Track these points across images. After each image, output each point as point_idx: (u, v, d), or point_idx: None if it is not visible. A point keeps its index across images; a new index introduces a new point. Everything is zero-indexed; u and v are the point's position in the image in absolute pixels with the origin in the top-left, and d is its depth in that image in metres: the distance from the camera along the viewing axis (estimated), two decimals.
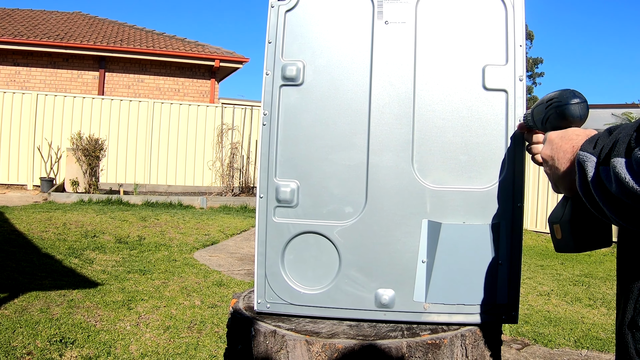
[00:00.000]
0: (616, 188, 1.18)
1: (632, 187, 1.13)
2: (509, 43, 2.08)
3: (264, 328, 1.97)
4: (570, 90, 1.69)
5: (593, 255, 12.48)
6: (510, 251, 2.05)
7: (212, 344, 5.66)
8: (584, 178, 1.31)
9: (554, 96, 1.72)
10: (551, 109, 1.71)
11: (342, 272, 2.10)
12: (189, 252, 10.42)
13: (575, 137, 1.54)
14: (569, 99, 1.66)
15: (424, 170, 2.08)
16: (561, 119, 1.67)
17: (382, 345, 1.86)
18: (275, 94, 2.15)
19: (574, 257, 12.26)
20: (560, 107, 1.67)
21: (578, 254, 12.52)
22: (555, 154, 1.58)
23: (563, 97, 1.68)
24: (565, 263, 11.52)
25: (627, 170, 1.15)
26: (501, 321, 2.08)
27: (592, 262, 11.80)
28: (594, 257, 12.33)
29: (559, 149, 1.56)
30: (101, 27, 25.73)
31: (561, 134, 1.60)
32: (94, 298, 6.91)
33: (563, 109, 1.66)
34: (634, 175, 1.13)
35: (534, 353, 5.91)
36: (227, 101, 24.94)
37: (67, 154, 17.44)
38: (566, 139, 1.56)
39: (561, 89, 1.72)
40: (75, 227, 11.43)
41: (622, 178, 1.15)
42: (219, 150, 19.88)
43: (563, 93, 1.69)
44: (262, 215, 2.15)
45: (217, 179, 19.92)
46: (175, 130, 20.61)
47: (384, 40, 2.12)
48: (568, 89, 1.70)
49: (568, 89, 1.70)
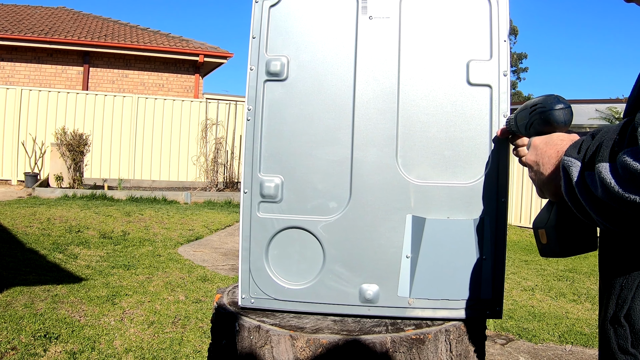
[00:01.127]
0: (602, 192, 1.18)
1: (617, 191, 1.13)
2: (493, 38, 2.09)
3: (248, 323, 1.97)
4: (554, 96, 1.69)
5: None
6: (494, 246, 2.06)
7: (196, 339, 5.64)
8: (569, 183, 1.31)
9: (538, 101, 1.72)
10: (535, 114, 1.71)
11: (326, 267, 2.10)
12: (173, 247, 10.39)
13: (560, 143, 1.54)
14: (554, 104, 1.66)
15: (408, 166, 2.08)
16: (545, 124, 1.67)
17: (366, 340, 1.86)
18: (259, 89, 2.15)
19: None
20: (545, 112, 1.67)
21: None
22: (540, 159, 1.58)
23: (547, 103, 1.68)
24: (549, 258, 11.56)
25: (611, 175, 1.15)
26: (485, 316, 2.08)
27: (576, 258, 11.84)
28: None
29: (544, 154, 1.57)
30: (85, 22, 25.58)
31: (545, 140, 1.61)
32: (78, 293, 6.88)
33: (547, 115, 1.66)
34: (618, 180, 1.14)
35: (518, 348, 5.93)
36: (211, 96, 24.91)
37: (51, 149, 17.34)
38: (551, 145, 1.57)
39: (545, 95, 1.72)
40: (59, 222, 11.37)
41: (608, 183, 1.15)
42: (203, 145, 19.85)
43: (547, 98, 1.69)
44: (246, 210, 2.14)
45: (202, 174, 19.89)
46: (160, 125, 20.54)
47: (368, 35, 2.12)
48: (552, 95, 1.70)
49: (552, 95, 1.70)
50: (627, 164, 1.11)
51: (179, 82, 24.70)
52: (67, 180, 17.07)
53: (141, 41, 23.73)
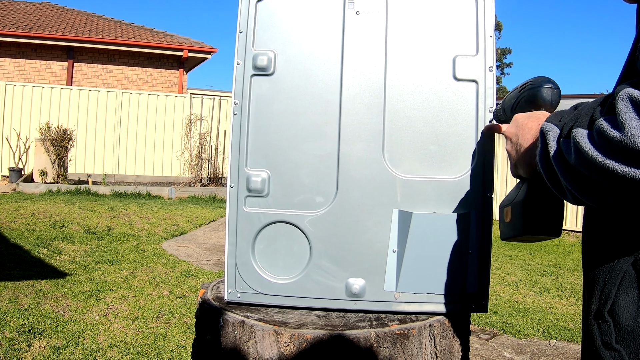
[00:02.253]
0: (575, 159, 1.19)
1: (591, 156, 1.14)
2: (479, 34, 2.09)
3: (232, 318, 1.97)
4: (545, 77, 1.70)
5: (561, 246, 12.61)
6: (480, 241, 2.07)
7: (180, 334, 5.64)
8: (544, 147, 1.32)
9: (528, 80, 1.74)
10: (524, 91, 1.72)
11: (312, 262, 2.10)
12: (157, 243, 10.38)
13: (542, 117, 1.54)
14: (543, 82, 1.68)
15: (395, 160, 2.08)
16: (532, 101, 1.68)
17: (350, 335, 1.86)
18: (246, 83, 2.14)
19: (542, 247, 12.36)
20: (534, 89, 1.69)
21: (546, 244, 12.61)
22: (519, 131, 1.58)
23: (537, 81, 1.70)
24: (533, 253, 11.63)
25: (587, 140, 1.16)
26: (471, 310, 2.09)
27: (560, 253, 11.91)
28: (563, 248, 12.46)
29: (524, 126, 1.57)
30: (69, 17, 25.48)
31: (528, 114, 1.61)
32: (62, 288, 6.86)
33: (535, 91, 1.68)
34: (594, 145, 1.14)
35: (503, 343, 5.96)
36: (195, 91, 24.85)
37: (35, 145, 17.28)
38: (532, 118, 1.57)
39: (536, 76, 1.74)
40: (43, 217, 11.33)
41: (582, 147, 1.16)
42: (187, 140, 19.81)
43: (538, 78, 1.71)
44: (232, 204, 2.14)
45: (186, 169, 19.86)
46: (144, 120, 20.49)
47: (355, 30, 2.12)
48: (543, 76, 1.71)
49: (543, 76, 1.71)
50: (603, 130, 1.13)
51: (163, 77, 24.67)
52: (52, 176, 17.01)
53: (125, 36, 23.67)
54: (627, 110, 1.10)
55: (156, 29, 25.89)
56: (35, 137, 17.57)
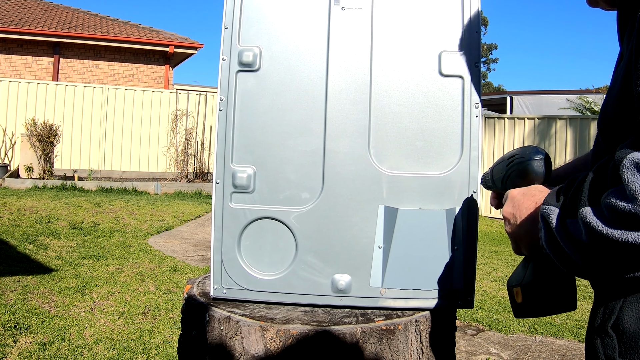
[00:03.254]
0: (588, 237, 1.13)
1: (606, 234, 1.09)
2: (465, 29, 2.09)
3: (218, 314, 1.97)
4: (532, 147, 1.64)
5: None
6: (465, 237, 2.07)
7: (166, 330, 5.64)
8: (549, 231, 1.26)
9: (515, 153, 1.68)
10: (513, 165, 1.65)
11: (298, 258, 2.10)
12: (143, 238, 10.35)
13: (538, 194, 1.48)
14: (532, 155, 1.61)
15: (381, 156, 2.08)
16: (523, 175, 1.62)
17: (336, 331, 1.87)
18: (231, 79, 2.14)
19: None
20: (523, 163, 1.62)
21: None
22: (517, 211, 1.51)
23: (525, 154, 1.63)
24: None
25: (597, 219, 1.11)
26: (457, 306, 2.09)
27: None
28: None
29: (521, 206, 1.50)
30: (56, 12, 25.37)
31: (523, 191, 1.54)
32: (48, 284, 6.83)
33: (525, 165, 1.61)
34: (605, 221, 1.10)
35: (489, 339, 5.98)
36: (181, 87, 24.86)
37: (21, 140, 17.19)
38: (528, 196, 1.51)
39: (523, 146, 1.68)
40: (29, 212, 11.27)
41: (594, 227, 1.11)
42: (173, 136, 19.77)
43: (525, 149, 1.65)
44: (218, 200, 2.14)
45: (172, 164, 19.83)
46: (130, 116, 20.42)
47: (340, 26, 2.12)
48: (530, 146, 1.66)
49: (530, 146, 1.66)
50: (612, 204, 1.08)
51: (149, 72, 24.61)
52: (38, 171, 16.94)
53: (111, 32, 23.61)
54: (636, 179, 1.05)
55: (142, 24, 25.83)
56: (21, 133, 17.48)
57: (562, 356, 5.56)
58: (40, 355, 4.82)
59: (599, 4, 1.57)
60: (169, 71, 24.92)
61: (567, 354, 5.58)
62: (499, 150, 15.98)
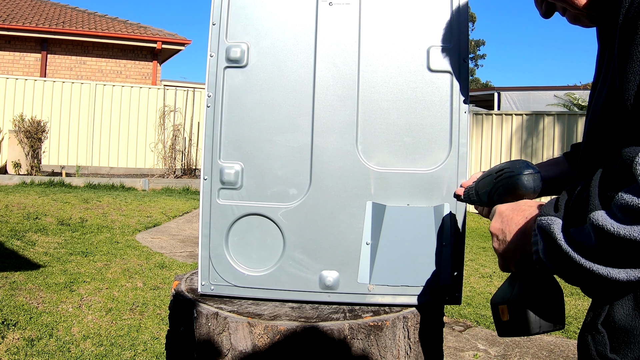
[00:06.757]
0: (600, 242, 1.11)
1: (623, 235, 1.06)
2: (454, 25, 2.09)
3: (206, 310, 1.96)
4: (522, 161, 1.59)
5: None
6: (453, 233, 2.07)
7: (154, 326, 5.62)
8: (551, 243, 1.21)
9: (504, 166, 1.62)
10: (502, 180, 1.60)
11: (286, 254, 2.10)
12: (131, 234, 10.32)
13: (528, 209, 1.43)
14: (522, 169, 1.56)
15: (368, 152, 2.08)
16: (512, 190, 1.57)
17: (324, 327, 1.86)
18: (219, 75, 2.14)
19: None
20: (512, 177, 1.57)
21: None
22: (506, 227, 1.45)
23: (515, 167, 1.58)
24: None
25: (612, 220, 1.08)
26: (445, 302, 2.10)
27: None
28: None
29: (510, 221, 1.44)
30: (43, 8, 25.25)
31: (512, 207, 1.48)
32: (36, 280, 6.81)
33: (515, 180, 1.55)
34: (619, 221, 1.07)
35: (476, 335, 5.99)
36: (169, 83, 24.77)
37: (9, 136, 17.12)
38: (517, 211, 1.45)
39: (512, 160, 1.64)
40: (17, 209, 11.22)
41: (609, 229, 1.07)
42: (161, 132, 19.72)
43: (515, 163, 1.60)
44: (206, 197, 2.13)
45: (159, 160, 19.77)
46: (118, 112, 20.35)
47: (328, 21, 2.12)
48: (519, 160, 1.61)
49: (519, 160, 1.61)
50: (627, 203, 1.05)
51: (137, 69, 24.54)
52: (25, 167, 16.87)
53: (99, 28, 23.52)
54: None
55: (130, 20, 25.74)
56: (9, 129, 17.40)
57: (550, 352, 5.58)
58: (28, 352, 4.80)
59: (580, 21, 1.57)
60: (156, 67, 24.85)
61: (555, 350, 5.60)
62: (487, 147, 16.01)
